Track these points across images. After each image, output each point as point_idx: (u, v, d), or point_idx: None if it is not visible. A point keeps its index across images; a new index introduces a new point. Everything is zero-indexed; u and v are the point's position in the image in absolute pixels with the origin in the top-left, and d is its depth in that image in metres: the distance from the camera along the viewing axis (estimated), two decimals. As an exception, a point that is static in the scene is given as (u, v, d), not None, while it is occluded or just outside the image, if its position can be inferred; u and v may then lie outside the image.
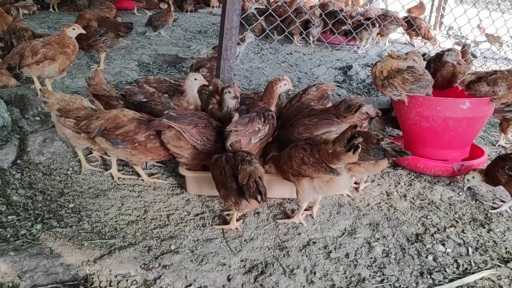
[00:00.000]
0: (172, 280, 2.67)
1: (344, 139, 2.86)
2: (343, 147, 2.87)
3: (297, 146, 3.19)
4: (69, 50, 4.70)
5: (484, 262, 3.05)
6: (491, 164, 3.74)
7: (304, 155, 3.09)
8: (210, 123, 3.57)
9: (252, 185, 2.89)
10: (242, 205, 3.03)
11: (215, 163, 3.22)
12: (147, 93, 3.99)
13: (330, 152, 2.95)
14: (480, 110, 4.07)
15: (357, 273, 2.85)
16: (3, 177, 3.63)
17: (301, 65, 7.33)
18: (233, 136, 3.37)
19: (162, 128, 3.39)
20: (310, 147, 3.10)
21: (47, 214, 3.23)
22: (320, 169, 3.04)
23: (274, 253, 2.99)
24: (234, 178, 3.01)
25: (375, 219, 3.46)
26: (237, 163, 3.05)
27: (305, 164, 3.09)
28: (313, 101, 4.13)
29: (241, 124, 3.41)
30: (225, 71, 4.45)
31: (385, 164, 3.43)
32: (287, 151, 3.26)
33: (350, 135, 2.83)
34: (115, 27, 6.09)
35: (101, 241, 2.95)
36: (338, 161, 2.95)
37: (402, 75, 3.95)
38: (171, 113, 3.40)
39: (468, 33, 9.13)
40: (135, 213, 3.33)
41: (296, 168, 3.15)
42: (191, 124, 3.41)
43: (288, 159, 3.22)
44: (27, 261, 2.69)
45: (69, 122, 3.57)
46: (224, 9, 4.22)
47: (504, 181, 3.59)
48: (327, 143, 3.00)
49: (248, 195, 2.91)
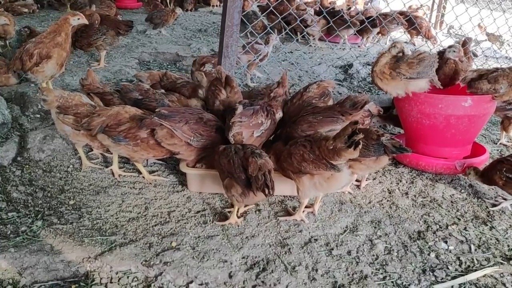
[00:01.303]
0: (173, 277, 2.66)
1: (345, 135, 2.85)
2: (343, 143, 2.86)
3: (297, 143, 3.18)
4: (60, 39, 4.52)
5: (487, 259, 3.04)
6: (489, 167, 3.74)
7: (304, 152, 3.08)
8: (201, 118, 3.52)
9: (261, 178, 2.89)
10: (248, 197, 3.03)
11: (223, 153, 3.20)
12: (141, 90, 3.99)
13: (330, 148, 2.94)
14: (481, 107, 4.05)
15: (359, 270, 2.84)
16: (3, 174, 3.61)
17: (301, 64, 7.32)
18: (237, 127, 3.35)
19: (154, 126, 3.38)
20: (310, 143, 3.09)
21: (47, 211, 3.21)
22: (321, 166, 3.02)
23: (275, 250, 2.97)
24: (243, 169, 3.01)
25: (377, 217, 3.45)
26: (247, 155, 3.04)
27: (306, 161, 3.07)
28: (314, 99, 4.12)
29: (246, 116, 3.41)
30: (226, 68, 4.44)
31: (385, 160, 3.43)
32: (287, 148, 3.25)
33: (351, 131, 2.82)
34: (116, 25, 6.09)
35: (101, 238, 2.94)
36: (339, 157, 2.94)
37: (404, 61, 3.94)
38: (162, 111, 3.37)
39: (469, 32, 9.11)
40: (136, 210, 3.31)
41: (296, 165, 3.13)
42: (182, 121, 3.37)
43: (288, 156, 3.21)
44: (27, 257, 2.67)
45: (68, 119, 3.56)
46: (225, 6, 4.22)
47: (502, 184, 3.59)
48: (327, 139, 2.99)
49: (256, 187, 2.90)
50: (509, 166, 3.55)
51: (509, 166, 3.55)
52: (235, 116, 3.37)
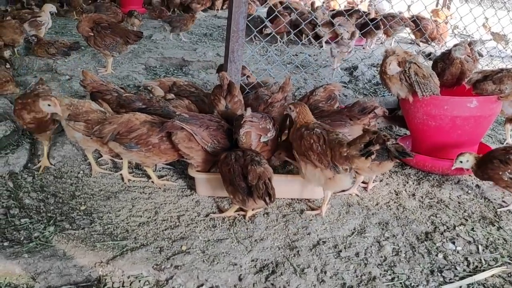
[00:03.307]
0: (184, 280, 2.70)
1: (361, 143, 2.89)
2: (358, 151, 2.90)
3: (313, 131, 3.22)
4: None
5: (495, 259, 3.06)
6: (488, 164, 3.65)
7: (314, 142, 3.15)
8: (222, 126, 3.59)
9: (262, 187, 2.95)
10: (248, 204, 3.09)
11: (224, 161, 3.26)
12: (144, 100, 4.02)
13: (344, 155, 2.99)
14: (487, 108, 4.07)
15: (368, 272, 2.87)
16: (15, 180, 3.67)
17: (307, 66, 7.35)
18: (248, 125, 3.39)
19: (175, 129, 3.41)
20: (324, 141, 3.13)
21: (59, 216, 3.26)
22: (324, 162, 3.10)
23: (284, 252, 3.00)
24: (243, 178, 3.05)
25: (384, 218, 3.47)
26: (246, 163, 3.10)
27: (312, 151, 3.15)
28: (320, 102, 4.16)
29: (256, 117, 3.47)
30: (232, 73, 4.47)
31: (389, 165, 3.51)
32: (301, 131, 3.29)
33: (368, 140, 2.85)
34: (125, 34, 6.13)
35: (113, 243, 2.99)
36: (350, 163, 3.02)
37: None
38: (183, 115, 3.43)
39: (474, 32, 9.10)
40: (146, 214, 3.36)
41: (303, 150, 3.22)
42: (202, 126, 3.44)
43: (299, 138, 3.28)
44: (41, 263, 2.73)
45: (79, 125, 3.60)
46: (230, 12, 4.25)
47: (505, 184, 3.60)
48: (342, 145, 3.02)
49: (257, 196, 2.97)
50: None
51: None
52: (246, 116, 3.42)
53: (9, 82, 5.08)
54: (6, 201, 3.39)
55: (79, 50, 6.82)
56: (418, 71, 3.91)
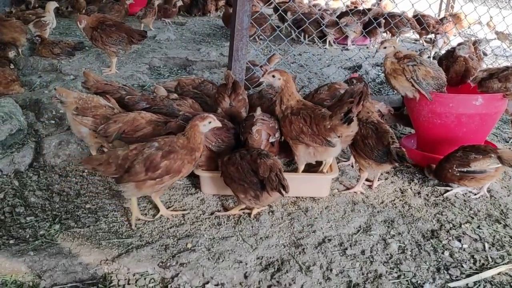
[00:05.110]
0: (189, 277, 2.69)
1: (341, 113, 3.22)
2: (339, 120, 3.20)
3: (299, 114, 3.43)
4: None
5: (501, 257, 3.04)
6: (439, 168, 3.79)
7: (303, 125, 3.36)
8: (225, 125, 3.59)
9: (275, 179, 2.95)
10: (262, 198, 3.07)
11: (228, 162, 3.25)
12: (148, 99, 4.01)
13: (328, 128, 3.27)
14: (492, 106, 4.05)
15: (374, 270, 2.86)
16: (21, 179, 3.68)
17: (310, 66, 7.33)
18: (260, 123, 3.42)
19: (179, 129, 3.41)
20: (310, 119, 3.36)
21: (64, 214, 3.27)
22: (317, 141, 3.34)
23: (290, 250, 3.00)
24: (253, 173, 3.05)
25: (390, 216, 3.46)
26: (254, 158, 3.10)
27: (304, 134, 3.38)
28: (325, 101, 4.15)
29: (267, 117, 3.53)
30: (236, 72, 4.48)
31: (387, 167, 3.62)
32: (288, 117, 3.48)
33: (346, 110, 3.19)
34: (130, 33, 6.13)
35: (118, 241, 2.99)
36: (335, 133, 3.28)
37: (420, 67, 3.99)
38: (187, 114, 3.43)
39: (478, 31, 9.07)
40: (151, 212, 3.36)
41: (295, 135, 3.42)
42: None
43: (288, 124, 3.47)
44: (46, 260, 2.73)
45: (87, 120, 3.60)
46: (234, 10, 4.26)
47: (457, 179, 3.67)
48: (324, 118, 3.28)
49: (270, 188, 2.97)
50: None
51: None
52: (258, 115, 3.46)
53: (15, 82, 5.10)
54: (12, 199, 3.40)
55: (84, 50, 6.83)
56: (426, 74, 3.93)
